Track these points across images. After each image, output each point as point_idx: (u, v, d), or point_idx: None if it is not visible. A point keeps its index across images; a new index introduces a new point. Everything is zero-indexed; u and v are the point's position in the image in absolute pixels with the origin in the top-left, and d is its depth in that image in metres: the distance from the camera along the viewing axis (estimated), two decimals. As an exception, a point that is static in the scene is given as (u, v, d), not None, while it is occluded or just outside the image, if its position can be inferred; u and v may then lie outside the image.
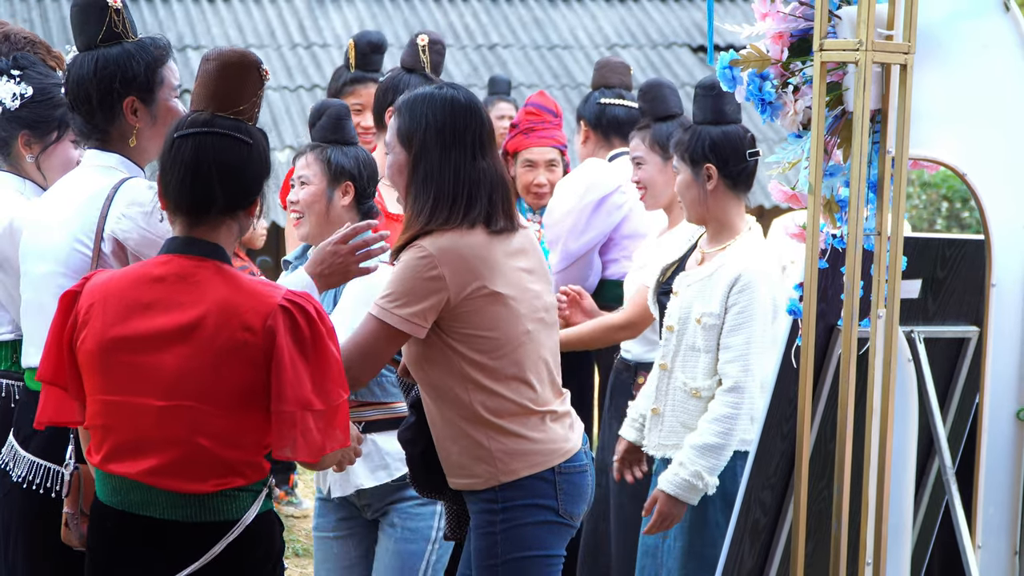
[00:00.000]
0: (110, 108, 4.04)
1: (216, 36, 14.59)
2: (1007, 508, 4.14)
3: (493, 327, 4.14)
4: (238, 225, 3.61)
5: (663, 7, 16.01)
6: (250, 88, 3.62)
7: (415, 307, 4.07)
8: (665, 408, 5.10)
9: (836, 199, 3.93)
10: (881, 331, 3.85)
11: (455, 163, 4.16)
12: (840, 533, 3.86)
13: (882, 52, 3.76)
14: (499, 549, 4.18)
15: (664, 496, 4.94)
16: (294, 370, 3.44)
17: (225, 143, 3.54)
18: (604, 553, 5.97)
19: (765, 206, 13.91)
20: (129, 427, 3.53)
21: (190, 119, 3.59)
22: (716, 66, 4.01)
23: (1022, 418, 4.14)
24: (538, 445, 4.19)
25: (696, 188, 5.12)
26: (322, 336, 3.49)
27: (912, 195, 15.09)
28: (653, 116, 5.76)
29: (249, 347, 3.45)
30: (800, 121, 3.95)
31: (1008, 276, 4.10)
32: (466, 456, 4.18)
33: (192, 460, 3.49)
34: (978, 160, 4.03)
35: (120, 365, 3.54)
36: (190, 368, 3.47)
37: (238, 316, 3.46)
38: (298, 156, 4.93)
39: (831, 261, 3.93)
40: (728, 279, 4.98)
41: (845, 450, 3.84)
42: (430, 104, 4.19)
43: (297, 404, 3.44)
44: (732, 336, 4.95)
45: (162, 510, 3.53)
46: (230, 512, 3.52)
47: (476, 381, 4.14)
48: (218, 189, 3.54)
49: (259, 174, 3.60)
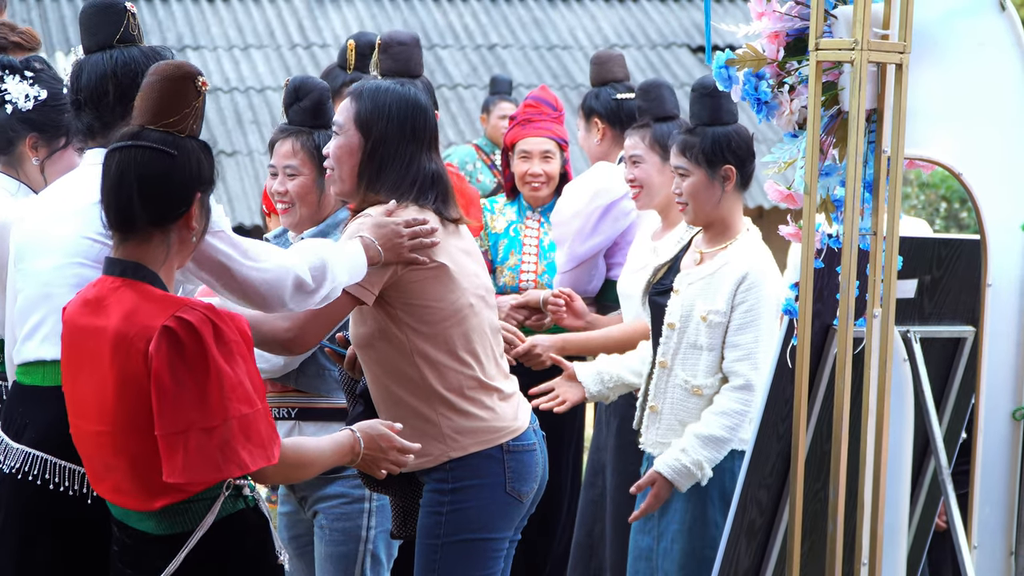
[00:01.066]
0: (125, 106, 4.05)
1: (216, 36, 14.59)
2: (1003, 508, 4.14)
3: (439, 298, 4.25)
4: (173, 238, 3.59)
5: (663, 7, 16.01)
6: (182, 100, 3.59)
7: None
8: (664, 406, 5.09)
9: (832, 199, 3.93)
10: (877, 331, 3.85)
11: (410, 155, 4.31)
12: (836, 533, 3.85)
13: (878, 51, 3.76)
14: (443, 530, 4.30)
15: (661, 479, 4.95)
16: (176, 391, 3.43)
17: (147, 156, 3.54)
18: (597, 555, 5.96)
19: (764, 207, 13.92)
20: (85, 450, 3.65)
21: (120, 133, 3.63)
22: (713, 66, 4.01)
23: (1018, 418, 4.14)
24: (486, 423, 4.30)
25: (712, 189, 5.06)
26: (212, 353, 3.45)
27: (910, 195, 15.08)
28: (653, 116, 5.74)
29: (139, 377, 3.47)
30: (796, 120, 3.95)
31: (1004, 276, 4.10)
32: (417, 435, 4.24)
33: (128, 482, 3.55)
34: (974, 160, 4.03)
35: (68, 385, 3.65)
36: (103, 395, 3.53)
37: (128, 343, 3.48)
38: (277, 141, 4.82)
39: (827, 261, 3.93)
40: (735, 277, 4.97)
41: (841, 450, 3.84)
42: (394, 97, 4.33)
43: (177, 426, 3.43)
44: (740, 334, 4.95)
45: (137, 522, 3.60)
46: (186, 524, 3.55)
47: (424, 354, 4.24)
48: (138, 203, 3.54)
49: (185, 186, 3.57)
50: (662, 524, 5.11)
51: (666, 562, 5.07)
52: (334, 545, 4.73)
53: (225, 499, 3.57)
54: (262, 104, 13.93)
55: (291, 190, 4.77)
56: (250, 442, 3.50)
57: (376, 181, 4.29)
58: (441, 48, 14.88)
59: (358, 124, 4.32)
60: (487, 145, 10.41)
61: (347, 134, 4.33)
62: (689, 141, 5.09)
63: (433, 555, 4.30)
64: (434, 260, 4.25)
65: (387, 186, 4.29)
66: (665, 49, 15.44)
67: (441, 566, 4.29)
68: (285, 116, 4.88)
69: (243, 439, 3.48)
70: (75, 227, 3.99)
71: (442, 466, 4.31)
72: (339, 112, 4.38)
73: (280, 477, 3.70)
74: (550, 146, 6.47)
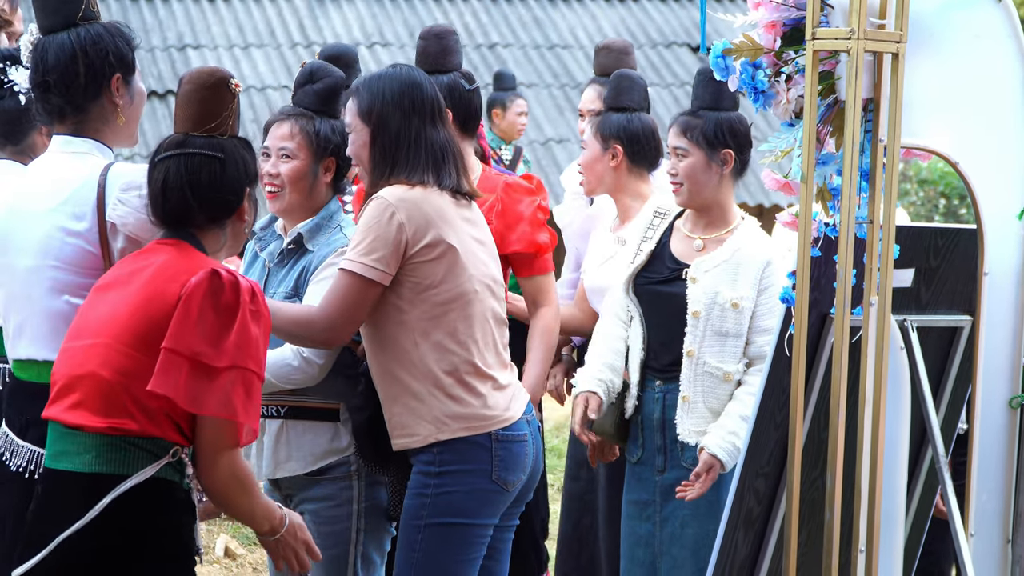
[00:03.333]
0: (97, 85, 4.06)
1: (216, 36, 14.60)
2: (1000, 496, 4.16)
3: (445, 279, 4.31)
4: (228, 231, 3.83)
5: (663, 7, 16.02)
6: (220, 104, 3.81)
7: (379, 253, 4.27)
8: (696, 395, 5.12)
9: (828, 187, 3.94)
10: (873, 319, 3.86)
11: (415, 129, 4.38)
12: (833, 521, 3.86)
13: (874, 41, 3.77)
14: (426, 511, 4.37)
15: (719, 463, 5.01)
16: (200, 320, 3.57)
17: (196, 162, 3.76)
18: (588, 548, 5.95)
19: (765, 205, 13.92)
20: (62, 368, 3.72)
21: (166, 142, 3.82)
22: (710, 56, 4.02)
23: (1014, 406, 4.15)
24: (476, 410, 4.35)
25: (710, 172, 5.13)
26: (244, 309, 3.60)
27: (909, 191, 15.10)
28: (610, 105, 5.78)
29: (168, 296, 3.61)
30: (793, 110, 3.96)
31: (1000, 265, 4.11)
32: (407, 414, 4.33)
33: (94, 392, 3.62)
34: (970, 149, 4.04)
35: (78, 317, 3.77)
36: (116, 310, 3.65)
37: (169, 272, 3.65)
38: (275, 123, 4.73)
39: (824, 249, 3.94)
40: (759, 263, 5.05)
41: (838, 438, 3.85)
42: (386, 79, 4.42)
43: (186, 348, 3.55)
44: (769, 318, 5.04)
45: (71, 459, 3.63)
46: (123, 465, 3.60)
47: (424, 333, 4.30)
48: (195, 205, 3.76)
49: (236, 183, 3.79)
50: (666, 510, 5.12)
51: (675, 547, 5.09)
52: (323, 549, 4.64)
53: (168, 463, 3.61)
54: (262, 103, 13.94)
55: (283, 173, 4.65)
56: (249, 400, 3.61)
57: (391, 162, 4.36)
58: (441, 47, 14.87)
59: (362, 117, 4.41)
60: (494, 141, 10.41)
61: (357, 130, 4.42)
62: (691, 122, 5.14)
63: (415, 535, 4.35)
64: (445, 241, 4.30)
65: (402, 166, 4.35)
66: (665, 48, 15.45)
67: (422, 547, 4.34)
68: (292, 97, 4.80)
69: (243, 394, 3.60)
70: (47, 227, 3.99)
71: (430, 448, 4.35)
72: (346, 113, 4.46)
73: (223, 481, 3.68)
74: None
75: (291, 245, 4.67)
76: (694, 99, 5.21)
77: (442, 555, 4.35)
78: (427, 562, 4.35)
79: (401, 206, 4.29)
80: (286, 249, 4.68)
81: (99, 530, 3.58)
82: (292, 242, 4.67)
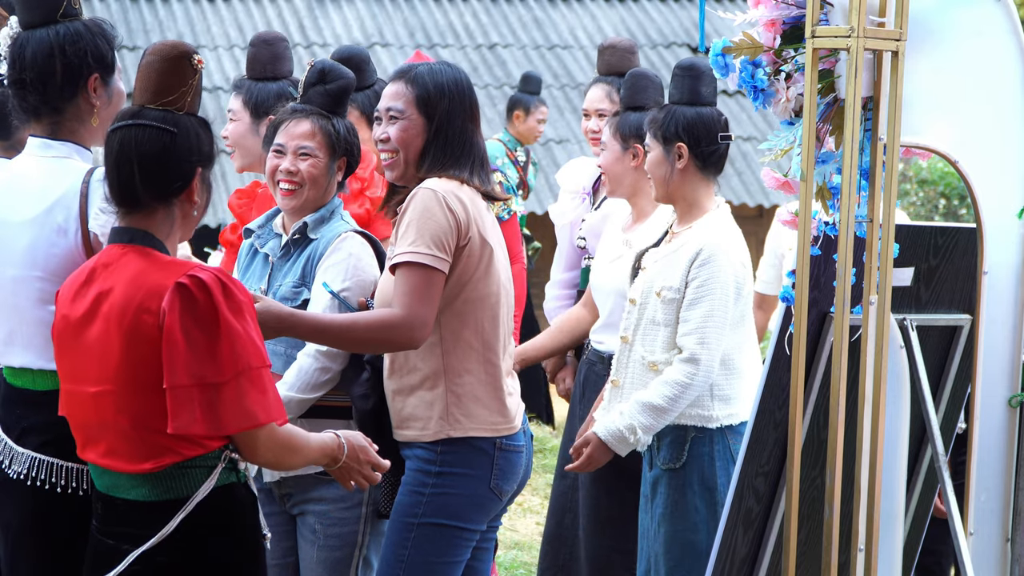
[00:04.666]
0: (74, 84, 4.01)
1: (216, 36, 14.60)
2: (999, 495, 4.15)
3: (480, 278, 4.32)
4: (176, 212, 3.67)
5: (663, 7, 16.02)
6: (179, 78, 3.67)
7: (440, 242, 4.26)
8: (625, 380, 5.17)
9: (828, 186, 3.94)
10: (873, 318, 3.85)
11: (470, 134, 4.43)
12: (832, 520, 3.86)
13: (874, 39, 3.77)
14: (421, 510, 4.36)
15: (596, 440, 5.07)
16: (189, 345, 3.48)
17: (146, 134, 3.62)
18: (567, 545, 5.94)
19: (765, 205, 13.92)
20: (79, 415, 3.65)
21: (120, 113, 3.70)
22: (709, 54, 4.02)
23: (1014, 405, 4.15)
24: (490, 413, 4.36)
25: (665, 166, 5.17)
26: (222, 309, 3.51)
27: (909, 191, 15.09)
28: (627, 104, 5.78)
29: (149, 328, 3.52)
30: (792, 108, 3.96)
31: (1000, 264, 4.11)
32: (422, 407, 4.33)
33: (124, 442, 3.56)
34: (970, 147, 4.04)
35: (64, 351, 3.67)
36: (107, 355, 3.56)
37: (138, 300, 3.54)
38: (291, 121, 4.70)
39: (823, 248, 3.94)
40: (690, 253, 5.04)
41: (837, 437, 3.85)
42: (450, 78, 4.45)
43: (190, 378, 3.48)
44: (691, 309, 5.01)
45: (126, 491, 3.59)
46: (181, 489, 3.56)
47: (452, 328, 4.31)
48: (139, 179, 3.61)
49: (185, 161, 3.65)
50: (652, 506, 5.15)
51: (655, 544, 5.13)
52: (328, 550, 4.65)
53: (222, 469, 3.59)
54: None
55: (303, 171, 4.63)
56: (264, 396, 3.55)
57: (444, 158, 4.38)
58: (441, 48, 14.88)
59: (420, 107, 4.40)
60: (510, 141, 10.41)
61: (410, 118, 4.41)
62: (654, 118, 5.24)
63: (407, 533, 4.34)
64: (485, 240, 4.33)
65: (451, 164, 4.38)
66: (665, 48, 15.45)
67: (413, 545, 4.33)
68: (300, 95, 4.77)
69: (256, 392, 3.54)
70: (32, 237, 3.94)
71: (433, 447, 4.33)
72: (392, 98, 4.42)
73: (271, 455, 3.68)
74: None
75: (296, 236, 4.67)
76: (670, 96, 5.26)
77: (431, 555, 4.35)
78: (416, 560, 4.35)
79: (452, 198, 4.29)
80: (291, 241, 4.68)
81: (170, 548, 3.55)
82: (296, 232, 4.67)
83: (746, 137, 14.32)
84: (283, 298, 4.57)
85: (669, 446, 5.11)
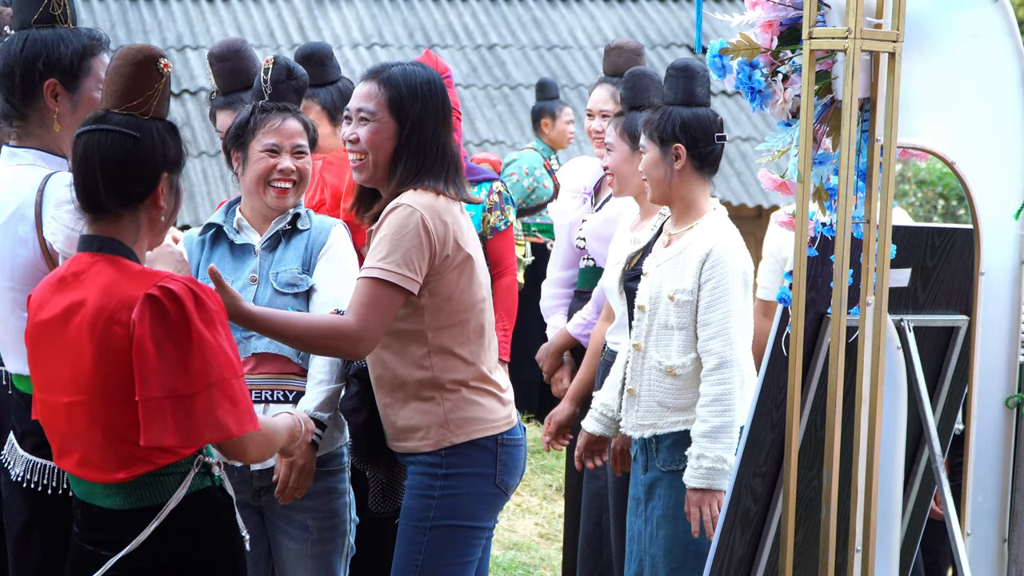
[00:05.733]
0: (31, 89, 4.02)
1: (216, 36, 14.60)
2: (996, 496, 4.16)
3: (463, 289, 4.30)
4: (142, 218, 3.63)
5: (662, 7, 16.02)
6: (144, 83, 3.62)
7: (412, 262, 4.22)
8: (640, 388, 5.14)
9: (825, 187, 3.94)
10: (870, 319, 3.86)
11: (442, 138, 4.35)
12: (829, 521, 3.87)
13: (871, 40, 3.78)
14: (432, 513, 4.35)
15: (693, 492, 4.99)
16: (160, 357, 3.45)
17: (109, 139, 3.58)
18: (607, 547, 5.98)
19: (764, 206, 13.93)
20: (54, 424, 3.64)
21: (86, 118, 3.66)
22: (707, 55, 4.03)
23: (1011, 406, 4.15)
24: (486, 412, 4.36)
25: (663, 167, 5.17)
26: (193, 321, 3.47)
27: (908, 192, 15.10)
28: (629, 104, 5.78)
29: (119, 339, 3.48)
30: (789, 109, 3.97)
31: (997, 265, 4.11)
32: (419, 417, 4.33)
33: (97, 452, 3.55)
34: (967, 149, 4.04)
35: (37, 359, 3.65)
36: (79, 366, 3.54)
37: (109, 310, 3.50)
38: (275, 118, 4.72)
39: (820, 249, 3.94)
40: (699, 255, 5.03)
41: (834, 438, 3.85)
42: (423, 80, 4.36)
43: (161, 390, 3.45)
44: (710, 312, 5.00)
45: (102, 499, 3.60)
46: (155, 497, 3.56)
47: (439, 342, 4.30)
48: (102, 184, 3.57)
49: (149, 165, 3.60)
50: (648, 509, 5.15)
51: (653, 546, 5.12)
52: (323, 544, 4.68)
53: (195, 475, 3.59)
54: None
55: (300, 168, 4.72)
56: (236, 407, 3.52)
57: (418, 167, 4.30)
58: (441, 48, 14.88)
59: (392, 109, 4.33)
60: (544, 150, 10.41)
61: (381, 120, 4.34)
62: (649, 119, 5.23)
63: (419, 537, 4.33)
64: (464, 251, 4.29)
65: (425, 173, 4.30)
66: (664, 49, 15.45)
67: (427, 549, 4.32)
68: (267, 91, 4.78)
69: (228, 404, 3.51)
70: (4, 243, 3.96)
71: (435, 453, 4.33)
72: (364, 98, 4.36)
73: (259, 452, 3.70)
74: None
75: (287, 227, 4.70)
76: (664, 96, 5.26)
77: (446, 557, 4.34)
78: (431, 564, 4.34)
79: (429, 215, 4.24)
80: (282, 231, 4.70)
81: (147, 552, 3.56)
82: (288, 224, 4.72)
83: (745, 138, 14.32)
84: (288, 283, 4.59)
85: (669, 448, 5.11)
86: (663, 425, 5.11)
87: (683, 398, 5.09)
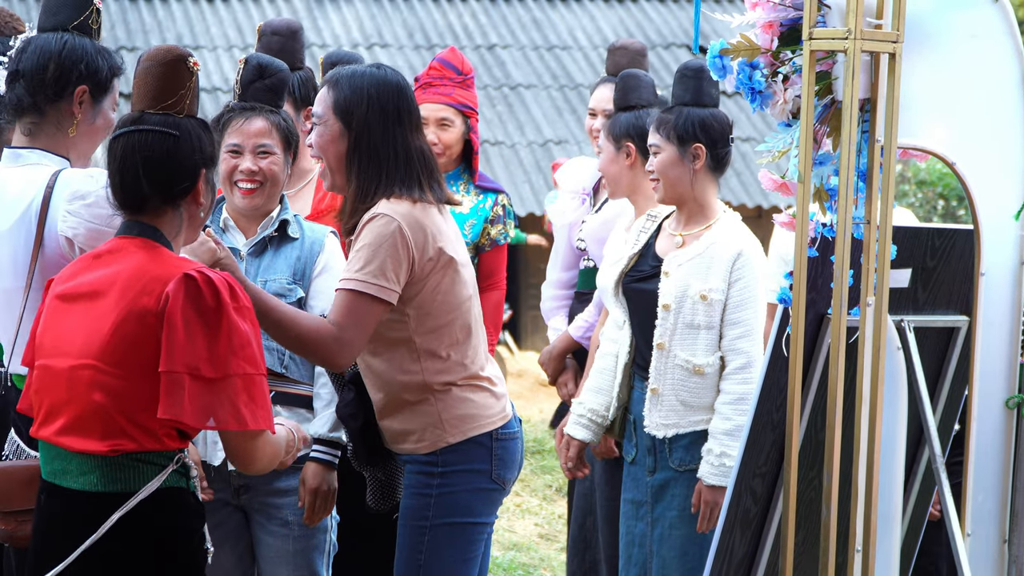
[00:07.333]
0: (62, 89, 4.05)
1: (216, 36, 14.61)
2: (996, 496, 4.16)
3: (447, 291, 4.27)
4: (184, 214, 3.70)
5: (662, 7, 16.03)
6: (177, 82, 3.70)
7: (391, 273, 4.18)
8: (664, 387, 5.12)
9: (826, 188, 3.95)
10: (870, 320, 3.86)
11: (398, 139, 4.27)
12: (829, 522, 3.87)
13: (871, 41, 3.78)
14: (431, 512, 4.33)
15: (708, 488, 5.00)
16: (187, 334, 3.50)
17: (149, 139, 3.65)
18: (592, 547, 5.96)
19: (764, 206, 13.93)
20: (47, 391, 3.66)
21: (122, 120, 3.73)
22: (707, 56, 4.03)
23: (1011, 407, 4.15)
24: (480, 409, 4.34)
25: (681, 167, 5.16)
26: (227, 309, 3.53)
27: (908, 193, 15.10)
28: (619, 105, 5.79)
29: (147, 313, 3.53)
30: (790, 110, 3.97)
31: (997, 265, 4.11)
32: (413, 421, 4.31)
33: (88, 417, 3.57)
34: (967, 149, 4.04)
35: (47, 328, 3.68)
36: (95, 329, 3.58)
37: (142, 283, 3.56)
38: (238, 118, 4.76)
39: (821, 250, 3.94)
40: (729, 255, 5.03)
41: (834, 438, 3.85)
42: (372, 81, 4.29)
43: (184, 367, 3.50)
44: (740, 311, 5.01)
45: (74, 478, 3.60)
46: (129, 482, 3.57)
47: (427, 346, 4.27)
48: (145, 183, 3.64)
49: (189, 162, 3.67)
50: (656, 511, 5.13)
51: (663, 548, 5.09)
52: (304, 540, 4.69)
53: (172, 471, 3.60)
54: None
55: (264, 168, 4.71)
56: (253, 402, 3.56)
57: (379, 173, 4.24)
58: (441, 48, 14.90)
59: (338, 112, 4.28)
60: None
61: (327, 124, 4.29)
62: (664, 119, 5.20)
63: (420, 537, 4.32)
64: (446, 254, 4.26)
65: (394, 178, 4.24)
66: (664, 49, 15.46)
67: (428, 548, 4.31)
68: (239, 93, 4.80)
69: (247, 398, 3.55)
70: (11, 249, 3.98)
71: (434, 452, 4.34)
72: (318, 102, 4.33)
73: (266, 462, 3.71)
74: (448, 113, 6.05)
75: (275, 233, 4.70)
76: (672, 96, 5.25)
77: (447, 555, 4.34)
78: (434, 562, 4.33)
79: (407, 223, 4.19)
80: (269, 237, 4.70)
81: (110, 545, 3.55)
82: (275, 230, 4.72)
83: (745, 138, 14.33)
84: (276, 293, 4.60)
85: (686, 448, 5.10)
86: (684, 424, 5.11)
87: (705, 397, 5.09)
